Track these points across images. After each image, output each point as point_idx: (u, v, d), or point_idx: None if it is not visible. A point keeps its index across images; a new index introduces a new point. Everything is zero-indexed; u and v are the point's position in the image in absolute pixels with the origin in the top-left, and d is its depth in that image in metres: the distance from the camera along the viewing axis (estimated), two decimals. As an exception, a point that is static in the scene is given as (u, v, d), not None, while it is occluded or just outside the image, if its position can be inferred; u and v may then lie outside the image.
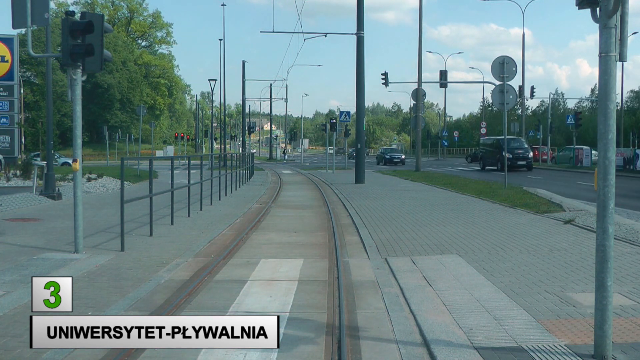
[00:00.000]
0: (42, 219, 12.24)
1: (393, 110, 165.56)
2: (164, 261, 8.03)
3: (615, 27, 4.06)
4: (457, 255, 8.20)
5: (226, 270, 7.57)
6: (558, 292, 6.09)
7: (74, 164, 8.58)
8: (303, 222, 12.41)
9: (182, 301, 5.97)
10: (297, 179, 29.46)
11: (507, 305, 5.68)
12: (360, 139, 25.17)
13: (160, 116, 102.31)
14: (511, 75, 19.09)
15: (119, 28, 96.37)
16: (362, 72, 24.68)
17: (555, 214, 12.42)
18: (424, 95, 34.66)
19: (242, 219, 12.75)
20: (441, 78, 48.68)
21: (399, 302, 5.98)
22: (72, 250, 8.50)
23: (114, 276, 7.09)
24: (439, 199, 16.88)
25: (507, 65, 18.95)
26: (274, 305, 5.85)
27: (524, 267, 7.38)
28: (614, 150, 4.19)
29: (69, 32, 8.07)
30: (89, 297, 6.09)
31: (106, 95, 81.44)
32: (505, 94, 19.01)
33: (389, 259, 8.12)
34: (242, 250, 9.05)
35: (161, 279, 7.02)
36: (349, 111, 35.55)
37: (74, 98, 8.43)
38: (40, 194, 16.12)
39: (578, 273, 7.00)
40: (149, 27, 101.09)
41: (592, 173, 31.32)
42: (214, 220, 12.41)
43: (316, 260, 8.24)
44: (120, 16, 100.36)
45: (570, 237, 9.63)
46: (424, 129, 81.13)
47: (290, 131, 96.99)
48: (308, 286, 6.67)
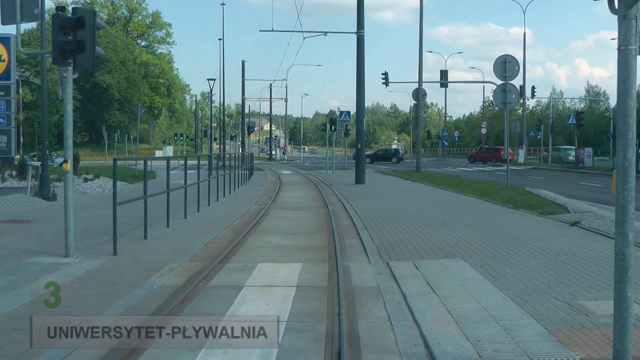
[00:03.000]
0: (35, 221, 11.96)
1: (392, 111, 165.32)
2: (158, 265, 7.74)
3: (636, 18, 3.77)
4: (461, 260, 7.92)
5: (222, 275, 7.29)
6: (569, 300, 5.81)
7: (65, 165, 8.30)
8: (302, 224, 12.12)
9: (175, 309, 5.68)
10: (297, 179, 29.20)
11: (516, 314, 5.40)
12: (361, 139, 24.87)
13: (159, 116, 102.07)
14: (514, 74, 18.82)
15: (118, 28, 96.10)
16: (362, 71, 24.40)
17: (560, 216, 12.14)
18: (424, 95, 34.38)
19: (240, 221, 12.47)
20: (441, 78, 48.42)
21: (402, 310, 5.70)
22: (63, 254, 8.22)
23: (104, 282, 6.81)
24: (440, 199, 16.60)
25: (510, 64, 18.68)
26: (271, 314, 5.57)
27: (531, 272, 7.10)
28: (634, 151, 3.92)
29: (59, 28, 7.79)
30: (77, 304, 5.80)
31: (105, 95, 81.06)
32: (507, 94, 18.73)
33: (391, 263, 7.84)
34: (239, 253, 8.76)
35: (154, 284, 6.73)
36: (349, 111, 35.27)
37: (65, 96, 8.15)
38: (34, 195, 15.84)
39: (588, 279, 6.72)
40: (148, 27, 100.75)
41: (595, 174, 31.18)
42: (211, 222, 12.12)
43: (315, 264, 7.96)
44: (120, 16, 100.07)
45: (577, 240, 9.35)
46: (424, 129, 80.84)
47: (290, 131, 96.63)
48: (307, 293, 6.39)
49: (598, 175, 30.85)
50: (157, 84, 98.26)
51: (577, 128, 39.98)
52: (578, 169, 36.01)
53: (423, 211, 13.68)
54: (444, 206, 14.71)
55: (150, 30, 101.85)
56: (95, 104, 79.37)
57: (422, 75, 34.07)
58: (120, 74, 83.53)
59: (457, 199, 16.62)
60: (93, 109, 79.13)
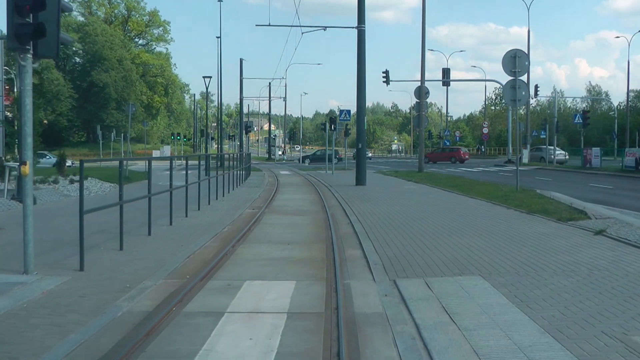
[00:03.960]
0: (4, 228, 10.89)
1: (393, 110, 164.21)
2: (128, 284, 6.67)
3: None
4: (479, 277, 6.85)
5: (201, 297, 6.22)
6: (619, 335, 4.74)
7: (23, 167, 7.24)
8: (298, 231, 11.04)
9: (136, 347, 4.61)
10: (295, 180, 28.10)
11: (559, 356, 4.32)
12: (362, 138, 23.74)
13: (157, 115, 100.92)
14: (523, 69, 17.77)
15: (116, 26, 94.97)
16: (363, 67, 23.31)
17: (580, 222, 11.06)
18: (427, 93, 33.28)
19: (231, 228, 11.39)
20: (444, 76, 47.25)
21: (416, 348, 4.63)
22: (22, 270, 7.14)
23: (59, 308, 5.73)
24: (447, 203, 15.52)
25: (520, 59, 17.61)
26: (254, 354, 4.50)
27: (564, 294, 6.03)
28: None
29: (14, 7, 6.71)
30: (14, 341, 4.73)
31: (102, 94, 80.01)
32: (517, 90, 17.67)
33: (399, 281, 6.77)
34: (225, 268, 7.69)
35: (118, 311, 5.66)
36: (349, 110, 34.19)
37: (23, 88, 7.12)
38: (12, 198, 14.76)
39: (633, 303, 5.66)
40: (146, 25, 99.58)
41: (603, 174, 30.09)
42: (198, 229, 11.05)
43: (311, 282, 6.89)
44: (118, 14, 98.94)
45: (607, 252, 8.28)
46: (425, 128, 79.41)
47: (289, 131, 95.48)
48: (299, 322, 5.32)
49: (607, 176, 29.79)
50: (155, 83, 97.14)
51: (583, 127, 38.89)
52: (585, 169, 34.93)
53: (430, 216, 12.61)
54: (452, 211, 13.65)
55: (148, 28, 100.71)
56: (92, 103, 78.32)
57: (424, 73, 33.03)
58: (117, 73, 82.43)
59: (465, 203, 15.54)
60: (90, 108, 78.05)
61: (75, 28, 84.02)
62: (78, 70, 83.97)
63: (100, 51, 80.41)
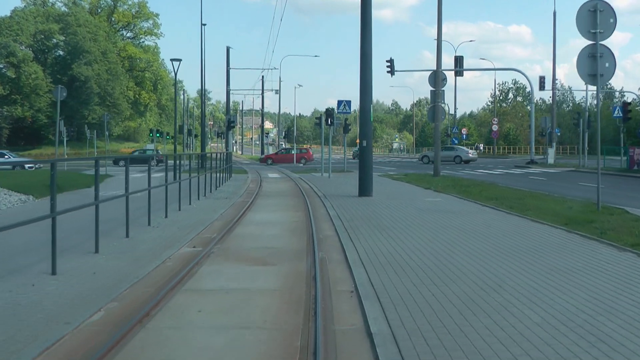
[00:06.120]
0: None
1: (393, 108, 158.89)
2: None
3: None
4: None
5: None
6: None
7: None
8: (250, 317, 5.42)
9: None
10: (282, 187, 22.36)
11: None
12: (367, 132, 17.39)
13: (146, 112, 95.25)
14: (608, 30, 12.15)
15: (101, 17, 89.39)
16: (368, 41, 17.55)
17: None
18: (444, 80, 27.60)
19: (119, 306, 5.77)
20: (456, 65, 41.61)
21: None
22: None
23: None
24: (506, 233, 9.83)
25: (603, 14, 12.00)
26: None
27: None
28: None
29: None
30: None
31: (83, 89, 74.43)
32: (598, 60, 12.07)
33: None
34: None
35: None
36: (349, 100, 28.35)
37: None
38: None
39: None
40: (133, 17, 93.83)
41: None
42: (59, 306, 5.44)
43: None
44: (103, 5, 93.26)
45: None
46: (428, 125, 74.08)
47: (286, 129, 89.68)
48: None
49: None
50: (143, 78, 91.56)
51: (623, 122, 33.28)
52: (631, 172, 29.33)
53: (494, 269, 6.96)
54: (525, 253, 8.01)
55: (136, 20, 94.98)
56: (74, 98, 72.40)
57: (441, 56, 27.41)
58: (100, 66, 76.88)
59: (536, 234, 9.86)
60: (71, 103, 72.13)
61: (55, 18, 78.45)
62: (59, 63, 78.36)
63: (82, 43, 74.89)
